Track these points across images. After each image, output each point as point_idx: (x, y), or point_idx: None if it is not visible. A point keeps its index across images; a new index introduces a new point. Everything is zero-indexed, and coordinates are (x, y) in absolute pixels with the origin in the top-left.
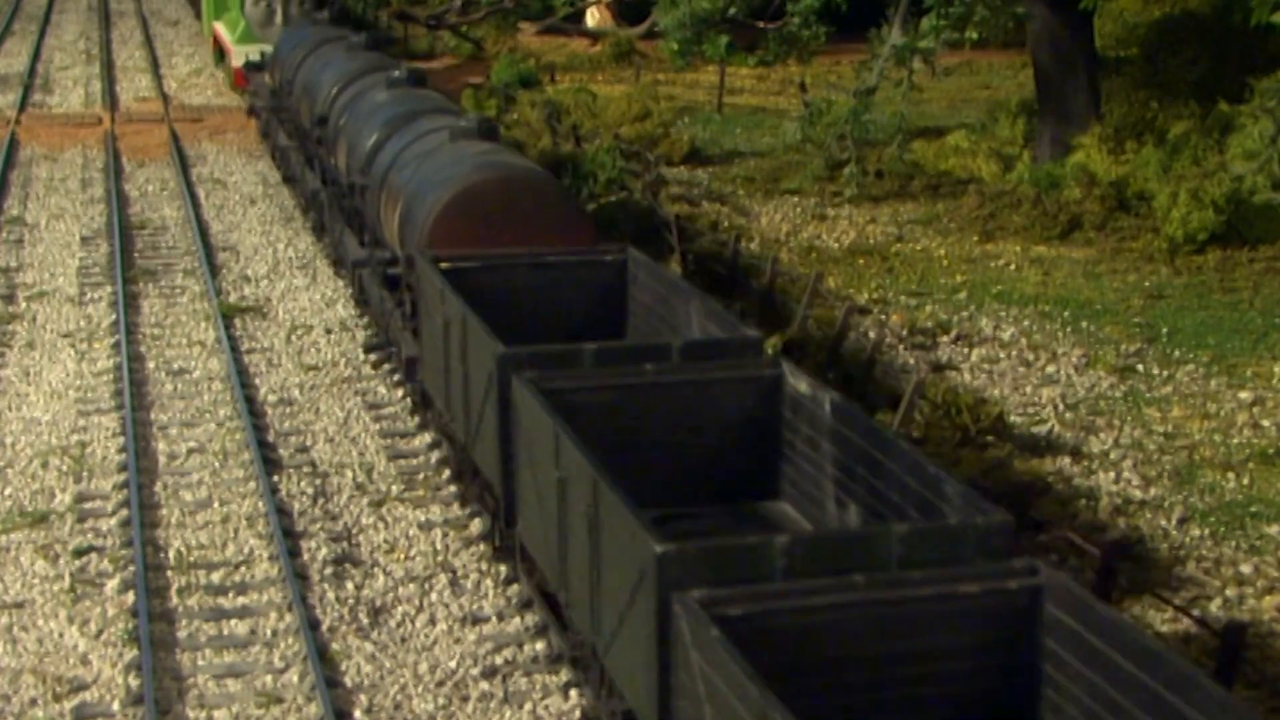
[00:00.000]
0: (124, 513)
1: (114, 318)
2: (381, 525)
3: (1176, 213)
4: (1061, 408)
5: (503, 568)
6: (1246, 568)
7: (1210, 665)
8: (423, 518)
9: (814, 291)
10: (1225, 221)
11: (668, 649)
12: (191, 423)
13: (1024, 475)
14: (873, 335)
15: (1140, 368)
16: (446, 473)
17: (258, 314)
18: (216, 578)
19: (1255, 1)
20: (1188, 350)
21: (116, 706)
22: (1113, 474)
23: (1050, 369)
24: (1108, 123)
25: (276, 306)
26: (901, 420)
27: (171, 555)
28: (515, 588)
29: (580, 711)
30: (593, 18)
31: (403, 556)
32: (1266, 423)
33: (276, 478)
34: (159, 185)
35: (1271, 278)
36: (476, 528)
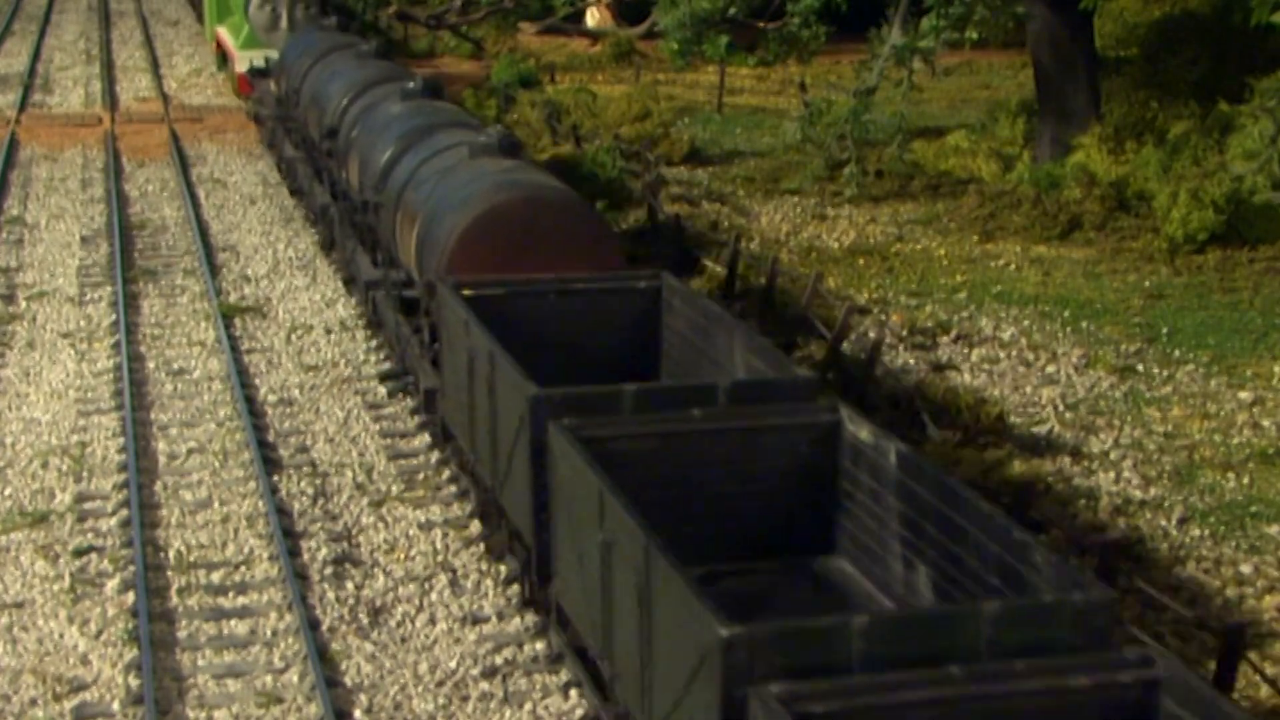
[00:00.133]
0: (124, 513)
1: (114, 318)
2: (381, 525)
3: (1176, 213)
4: (1061, 408)
5: (503, 567)
6: (1246, 568)
7: (1210, 665)
8: (423, 518)
9: (814, 291)
10: (1225, 221)
11: None
12: (191, 423)
13: (1024, 475)
14: (873, 335)
15: (1140, 368)
16: (446, 473)
17: (258, 314)
18: (216, 578)
19: (1255, 1)
20: (1188, 350)
21: (116, 706)
22: (1113, 474)
23: (1050, 369)
24: (1108, 123)
25: (276, 306)
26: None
27: (171, 555)
28: (516, 588)
29: (580, 712)
30: (593, 18)
31: (403, 556)
32: (1266, 423)
33: (276, 478)
34: (159, 185)
35: (1271, 278)
36: (476, 528)
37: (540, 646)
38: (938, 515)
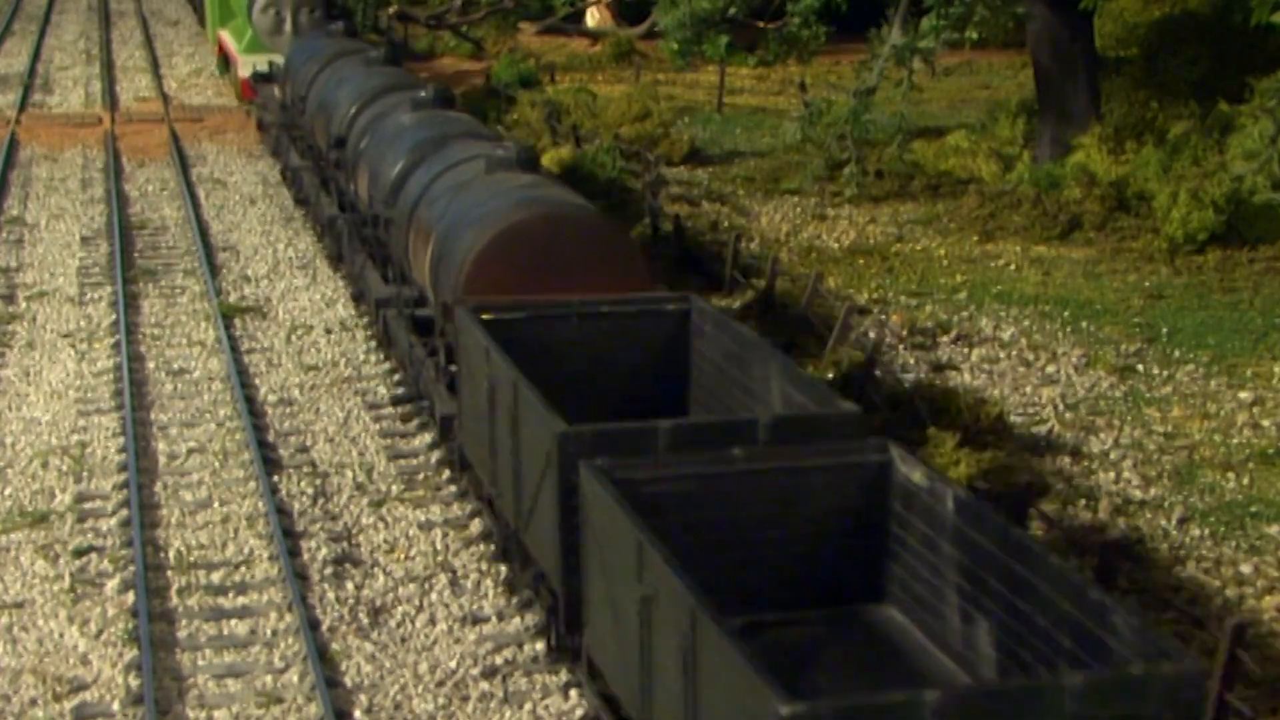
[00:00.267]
0: (124, 513)
1: (114, 318)
2: (381, 525)
3: (1176, 213)
4: (1061, 408)
5: (503, 567)
6: (1246, 568)
7: (1210, 666)
8: (423, 518)
9: (814, 291)
10: (1225, 221)
11: None
12: (191, 423)
13: (1024, 475)
14: (873, 335)
15: (1140, 368)
16: (447, 473)
17: (258, 314)
18: (216, 578)
19: (1255, 1)
20: (1188, 350)
21: (116, 706)
22: (1113, 474)
23: (1050, 369)
24: (1108, 123)
25: (276, 306)
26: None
27: (171, 555)
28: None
29: (580, 712)
30: (593, 18)
31: (403, 556)
32: (1266, 423)
33: (276, 478)
34: (159, 185)
35: (1271, 278)
36: (477, 528)
37: (540, 646)
38: (1001, 568)
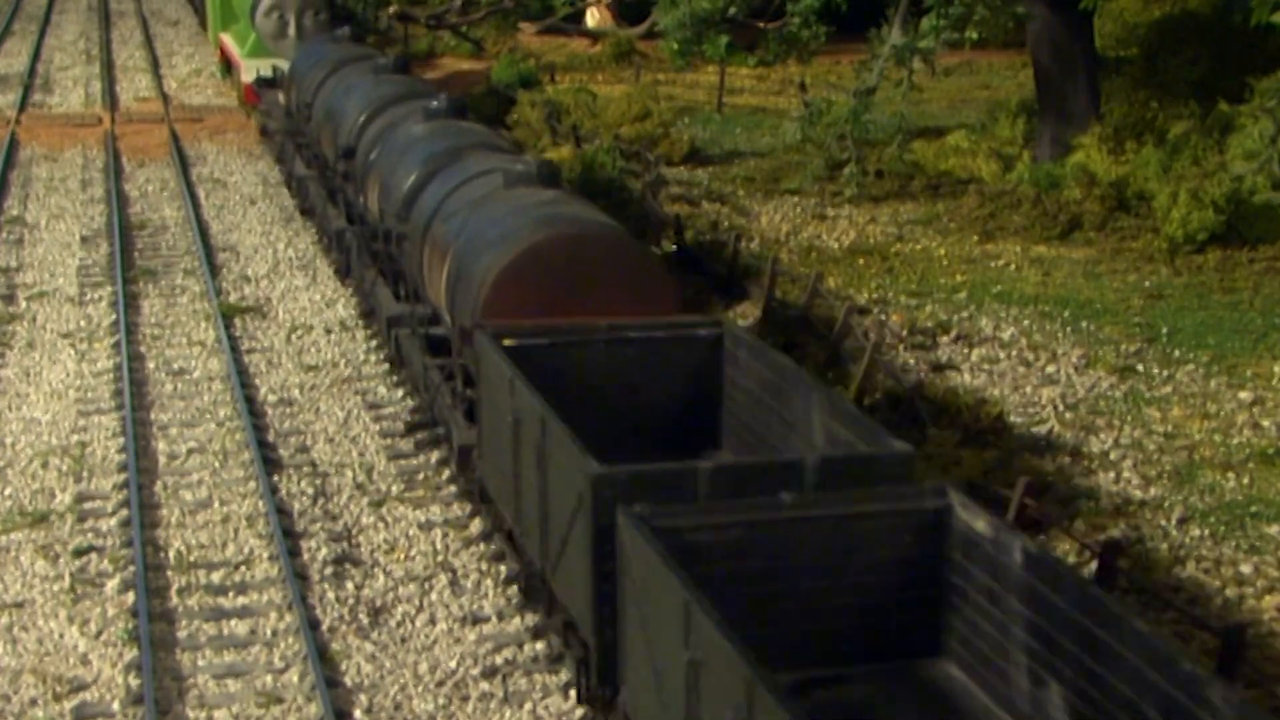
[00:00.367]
0: (124, 513)
1: (114, 318)
2: (381, 525)
3: (1176, 213)
4: (1061, 408)
5: (503, 568)
6: (1246, 568)
7: (1210, 666)
8: (423, 518)
9: (814, 291)
10: (1225, 221)
11: None
12: (191, 423)
13: (1024, 475)
14: (873, 335)
15: (1140, 368)
16: (446, 473)
17: (258, 314)
18: (216, 578)
19: (1255, 1)
20: (1188, 350)
21: (116, 706)
22: (1113, 474)
23: (1050, 369)
24: (1108, 123)
25: (276, 306)
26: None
27: (171, 555)
28: (515, 588)
29: (580, 712)
30: (593, 18)
31: (403, 556)
32: (1266, 423)
33: (276, 478)
34: (159, 185)
35: (1271, 278)
36: (477, 528)
37: (540, 646)
38: (1077, 628)
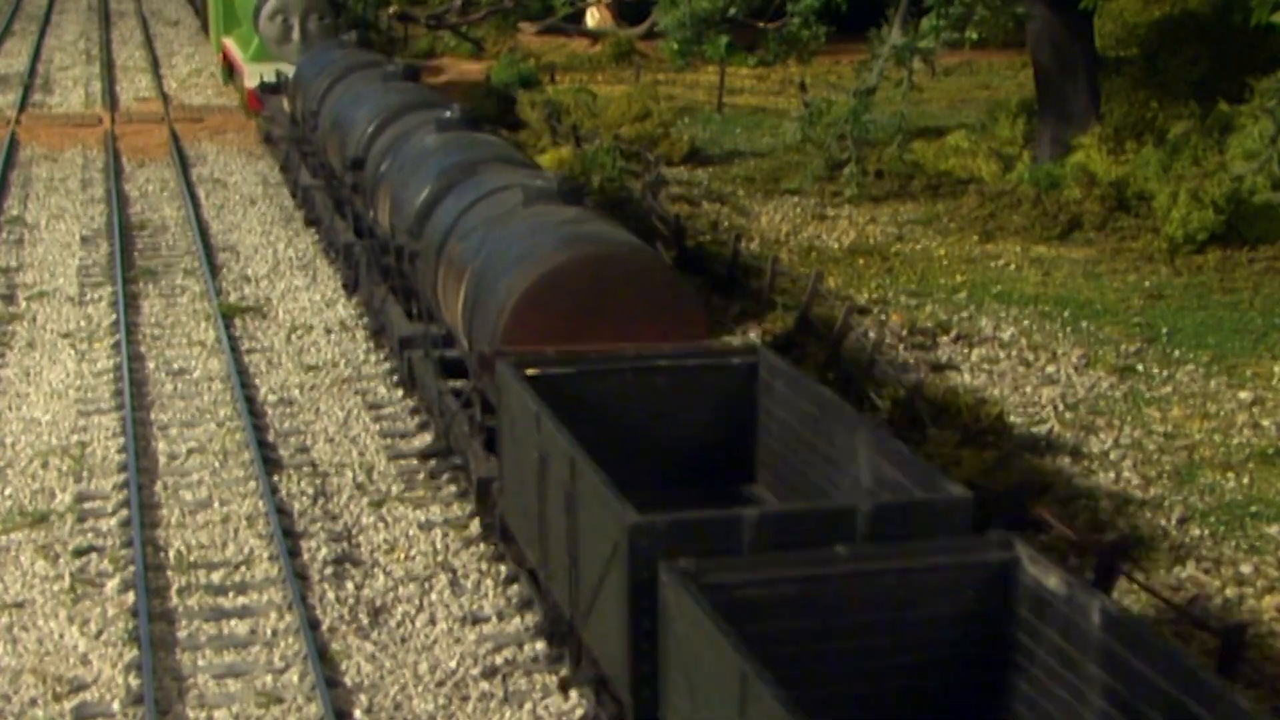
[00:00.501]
0: (124, 513)
1: (114, 318)
2: (381, 525)
3: (1176, 213)
4: (1061, 408)
5: (503, 568)
6: (1246, 568)
7: (1210, 665)
8: (423, 518)
9: (814, 291)
10: (1225, 221)
11: None
12: (191, 423)
13: (1024, 475)
14: (873, 335)
15: (1140, 368)
16: (446, 473)
17: (258, 314)
18: (216, 578)
19: (1255, 1)
20: (1188, 350)
21: (116, 706)
22: (1113, 474)
23: (1050, 369)
24: (1108, 123)
25: (276, 306)
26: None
27: (171, 555)
28: (515, 588)
29: (580, 711)
30: (593, 18)
31: (403, 556)
32: (1266, 423)
33: (276, 478)
34: (159, 185)
35: (1271, 278)
36: (476, 528)
37: (540, 646)
38: (1167, 701)
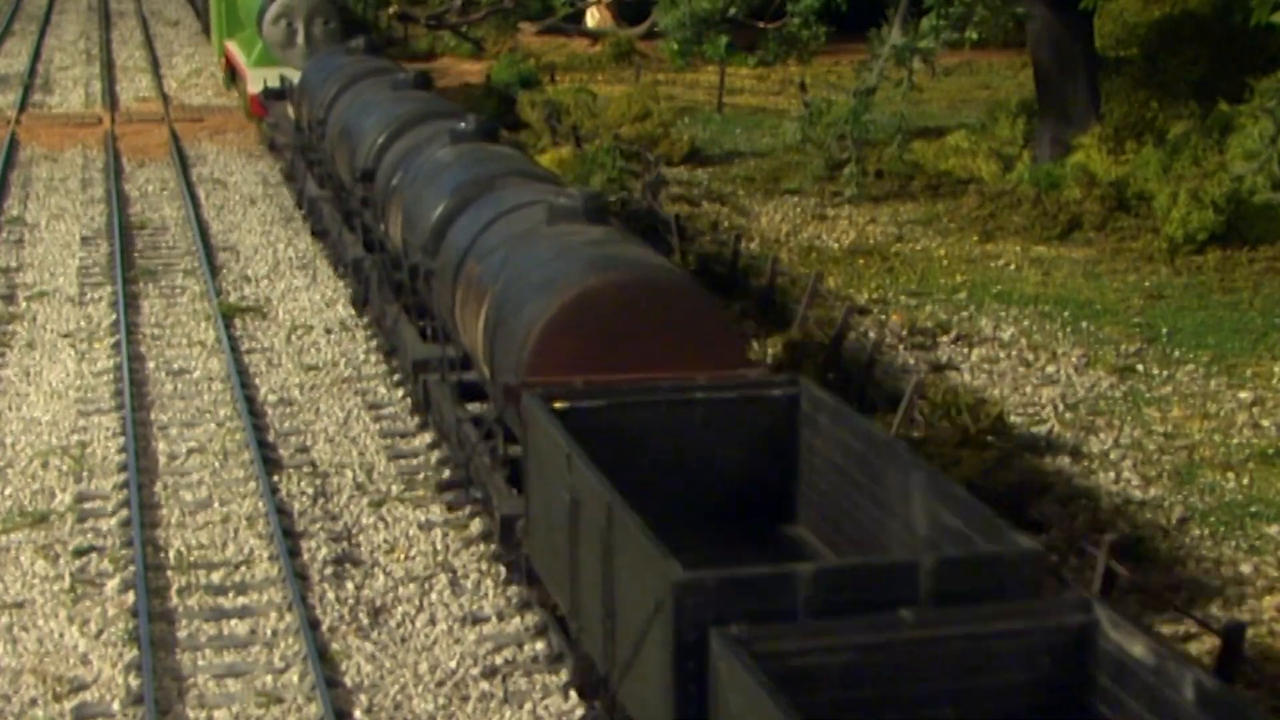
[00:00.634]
0: (124, 513)
1: (114, 318)
2: (381, 525)
3: (1176, 213)
4: (1061, 408)
5: (503, 568)
6: (1246, 568)
7: (1210, 665)
8: (423, 518)
9: (814, 291)
10: (1225, 221)
11: None
12: (191, 423)
13: (1024, 475)
14: (873, 335)
15: (1140, 368)
16: (447, 473)
17: (258, 314)
18: (217, 578)
19: (1255, 1)
20: (1188, 350)
21: (116, 706)
22: (1113, 474)
23: (1050, 369)
24: (1108, 123)
25: (276, 306)
26: (900, 422)
27: (172, 555)
28: (515, 588)
29: (580, 711)
30: (593, 18)
31: (403, 556)
32: (1266, 423)
33: (276, 478)
34: (159, 185)
35: (1271, 278)
36: (477, 527)
37: (540, 646)
38: None
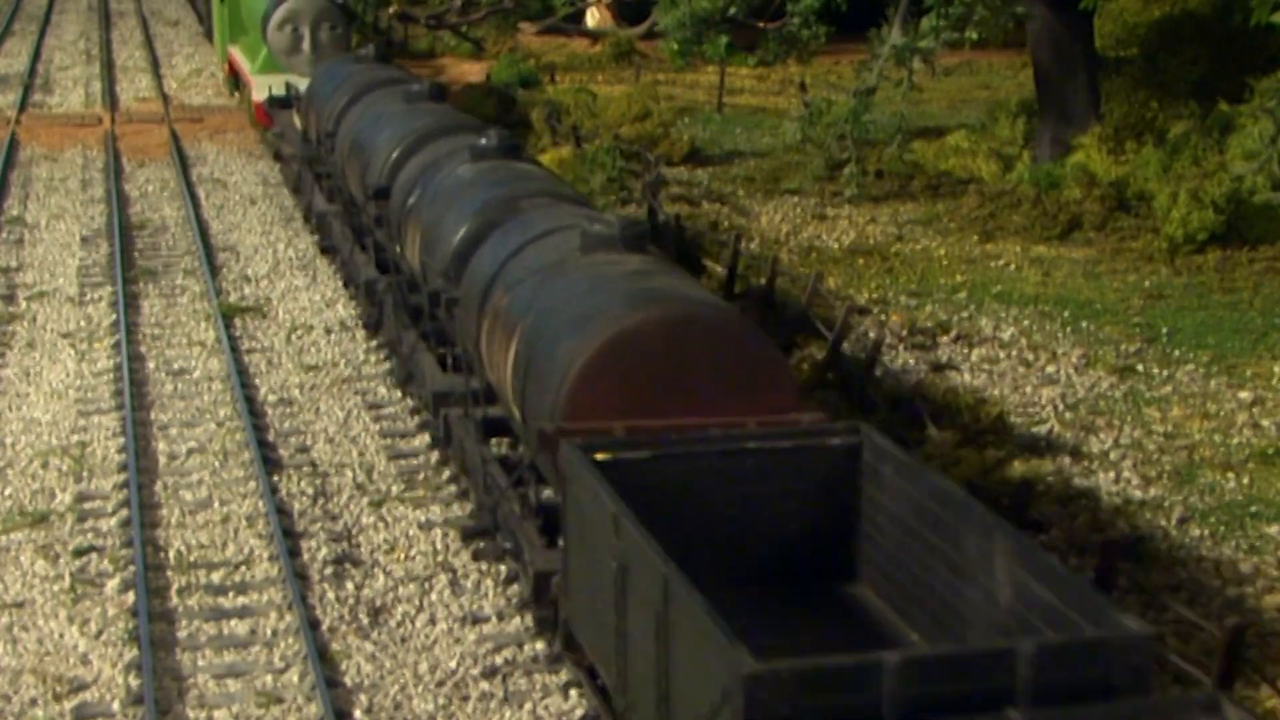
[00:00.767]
0: (124, 513)
1: (114, 318)
2: (381, 525)
3: (1176, 213)
4: (1061, 408)
5: (503, 567)
6: (1246, 568)
7: (1210, 665)
8: (423, 517)
9: (814, 291)
10: (1225, 221)
11: None
12: (191, 423)
13: (1024, 475)
14: (873, 335)
15: (1140, 368)
16: (446, 472)
17: (258, 314)
18: (217, 577)
19: (1255, 1)
20: (1188, 350)
21: (116, 706)
22: (1113, 474)
23: (1050, 369)
24: (1108, 123)
25: (276, 306)
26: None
27: (171, 555)
28: (515, 587)
29: (580, 711)
30: (593, 18)
31: (403, 556)
32: (1266, 423)
33: (276, 478)
34: (159, 185)
35: (1271, 278)
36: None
37: (540, 646)
38: None
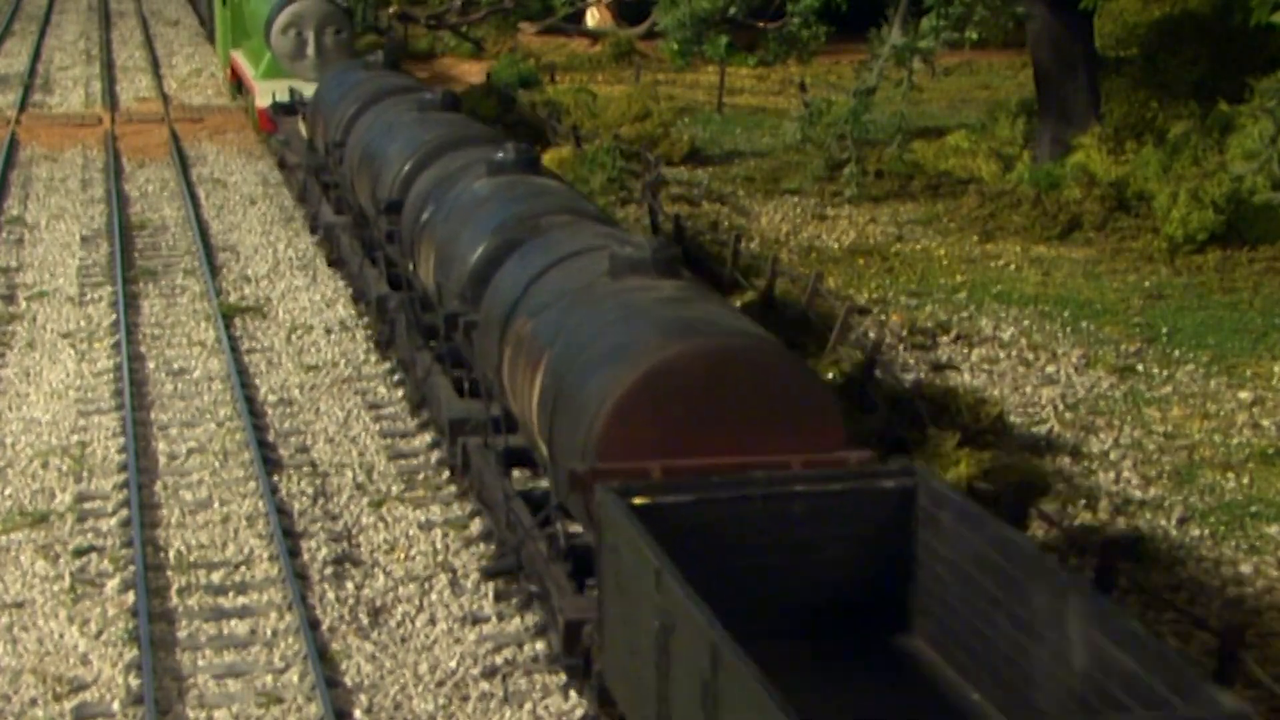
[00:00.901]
0: (124, 513)
1: (114, 318)
2: (381, 525)
3: (1176, 213)
4: (1061, 408)
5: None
6: (1246, 568)
7: (1210, 665)
8: (423, 518)
9: (814, 291)
10: (1225, 221)
11: None
12: (191, 423)
13: (1024, 475)
14: (873, 335)
15: (1140, 368)
16: (446, 472)
17: (258, 314)
18: (217, 577)
19: (1255, 1)
20: (1188, 350)
21: (116, 706)
22: (1113, 474)
23: (1050, 369)
24: (1108, 123)
25: (276, 306)
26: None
27: (172, 555)
28: (515, 587)
29: (580, 711)
30: (593, 18)
31: (403, 556)
32: (1266, 423)
33: (276, 477)
34: (159, 185)
35: (1271, 278)
36: (476, 527)
37: (540, 646)
38: None
